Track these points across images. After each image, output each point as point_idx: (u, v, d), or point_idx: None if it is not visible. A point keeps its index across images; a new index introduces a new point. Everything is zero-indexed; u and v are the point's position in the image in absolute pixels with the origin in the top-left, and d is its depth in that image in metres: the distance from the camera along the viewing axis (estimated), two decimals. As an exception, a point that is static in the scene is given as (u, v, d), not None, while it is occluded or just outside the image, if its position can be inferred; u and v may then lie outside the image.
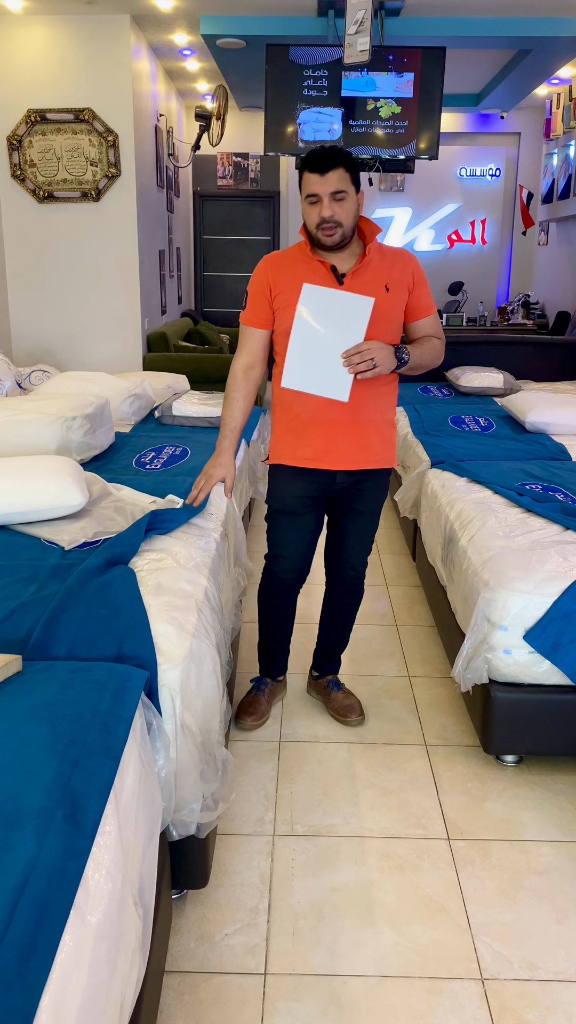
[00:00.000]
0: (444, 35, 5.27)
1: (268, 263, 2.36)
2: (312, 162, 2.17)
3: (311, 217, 2.22)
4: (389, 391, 2.42)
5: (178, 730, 1.75)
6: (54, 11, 5.13)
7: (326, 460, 2.39)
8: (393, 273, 2.32)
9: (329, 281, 2.27)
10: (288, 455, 2.43)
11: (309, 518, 2.52)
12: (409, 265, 2.36)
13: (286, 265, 2.33)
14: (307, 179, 2.19)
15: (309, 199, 2.20)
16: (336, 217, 2.19)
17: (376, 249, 2.33)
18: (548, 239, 8.21)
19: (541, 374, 5.74)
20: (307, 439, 2.38)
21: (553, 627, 2.26)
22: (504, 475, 3.26)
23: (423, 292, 2.39)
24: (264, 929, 1.88)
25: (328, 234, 2.21)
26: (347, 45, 4.69)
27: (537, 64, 5.95)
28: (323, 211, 2.18)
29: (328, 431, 2.36)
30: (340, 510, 2.56)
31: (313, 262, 2.29)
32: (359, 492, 2.49)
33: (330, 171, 2.15)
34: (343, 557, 2.62)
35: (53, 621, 1.87)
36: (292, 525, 2.52)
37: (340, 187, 2.17)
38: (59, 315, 5.71)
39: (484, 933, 1.88)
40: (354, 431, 2.36)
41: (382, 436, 2.42)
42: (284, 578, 2.60)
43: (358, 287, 2.25)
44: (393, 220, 8.85)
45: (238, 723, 2.62)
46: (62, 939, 1.06)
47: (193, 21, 5.33)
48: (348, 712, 2.69)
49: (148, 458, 3.49)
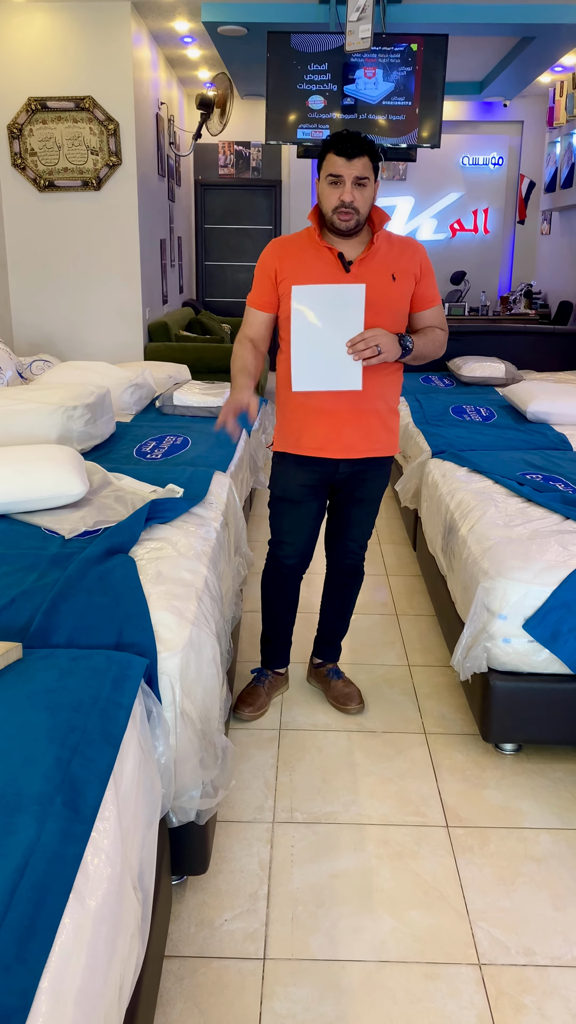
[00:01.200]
0: (446, 22, 5.24)
1: (275, 247, 2.36)
2: (340, 145, 2.16)
3: (330, 199, 2.21)
4: (393, 380, 2.42)
5: (178, 717, 1.76)
6: (54, -2, 5.10)
7: (329, 449, 2.39)
8: (401, 263, 2.32)
9: (336, 268, 2.27)
10: (292, 444, 2.44)
11: (312, 506, 2.52)
12: (417, 255, 2.36)
13: (293, 251, 2.33)
14: (332, 160, 2.18)
15: (330, 179, 2.19)
16: (356, 203, 2.19)
17: (384, 238, 2.33)
18: (551, 228, 8.18)
19: (543, 364, 5.73)
20: (311, 428, 2.39)
21: (552, 616, 2.27)
22: (505, 465, 3.26)
23: (429, 283, 2.39)
24: (263, 915, 1.90)
25: (344, 219, 2.21)
26: (349, 32, 4.67)
27: (541, 51, 5.91)
28: (344, 195, 2.18)
29: (332, 420, 2.36)
30: (342, 497, 2.57)
31: (321, 249, 2.29)
32: (361, 480, 2.50)
33: (356, 157, 2.16)
34: (344, 542, 2.64)
35: (53, 609, 1.87)
36: (295, 512, 2.53)
37: (363, 173, 2.18)
38: (60, 305, 5.71)
39: (482, 919, 1.89)
40: (358, 420, 2.37)
41: (385, 425, 2.43)
42: (287, 563, 2.61)
43: (365, 275, 2.25)
44: (395, 209, 8.82)
45: (236, 714, 2.63)
46: (61, 922, 1.07)
47: (194, 8, 5.31)
48: (348, 700, 2.70)
49: (149, 448, 3.50)
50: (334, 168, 2.18)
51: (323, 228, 2.31)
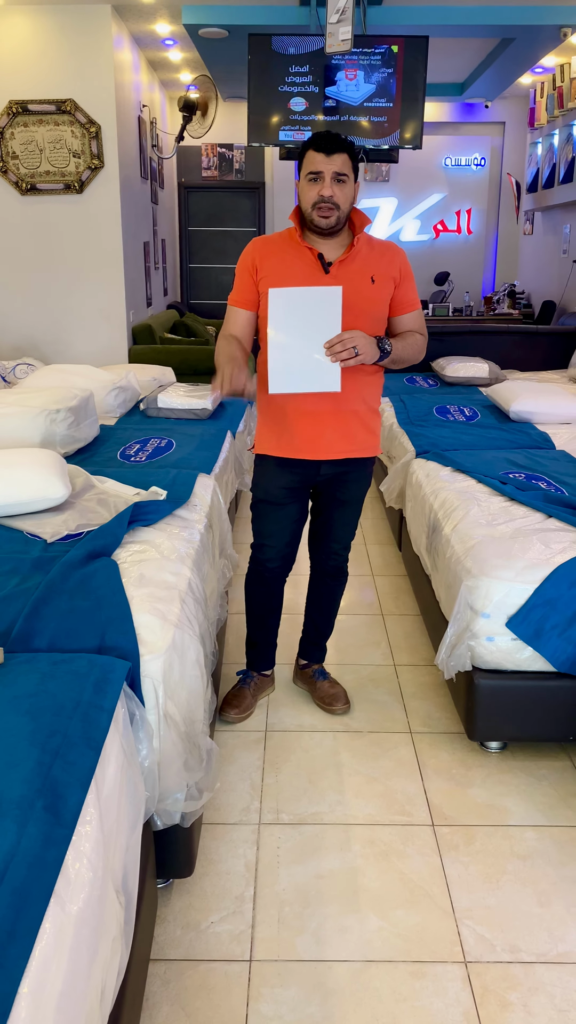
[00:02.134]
0: (427, 24, 5.25)
1: (256, 245, 2.36)
2: (318, 142, 2.18)
3: (309, 195, 2.21)
4: (374, 381, 2.43)
5: (161, 720, 1.76)
6: (34, 1, 5.09)
7: (310, 450, 2.40)
8: (381, 266, 2.32)
9: (316, 269, 2.27)
10: (272, 445, 2.44)
11: (293, 507, 2.52)
12: (397, 259, 2.36)
13: (273, 250, 2.33)
14: (311, 157, 2.19)
15: (310, 176, 2.20)
16: (335, 199, 2.19)
17: (365, 240, 2.33)
18: (533, 228, 8.22)
19: (526, 363, 5.75)
20: (291, 429, 2.39)
21: (535, 614, 2.28)
22: (488, 464, 3.27)
23: (409, 287, 2.39)
24: (250, 916, 1.90)
25: (324, 215, 2.21)
26: (329, 34, 4.67)
27: (521, 53, 5.94)
28: (323, 190, 2.18)
29: (312, 422, 2.36)
30: (325, 499, 2.57)
31: (301, 248, 2.29)
32: (343, 482, 2.50)
33: (335, 153, 2.17)
34: (327, 543, 2.64)
35: (35, 613, 1.87)
36: (277, 514, 2.53)
37: (343, 170, 2.19)
38: (44, 308, 5.69)
39: (468, 917, 1.90)
40: (337, 421, 2.37)
41: (366, 426, 2.43)
42: (269, 567, 2.61)
43: (344, 276, 2.26)
44: (379, 210, 8.83)
45: (222, 716, 2.63)
46: (42, 927, 1.06)
47: (175, 11, 5.30)
48: (334, 701, 2.70)
49: (133, 450, 3.49)
50: (313, 165, 2.19)
51: (304, 228, 2.31)
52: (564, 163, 6.85)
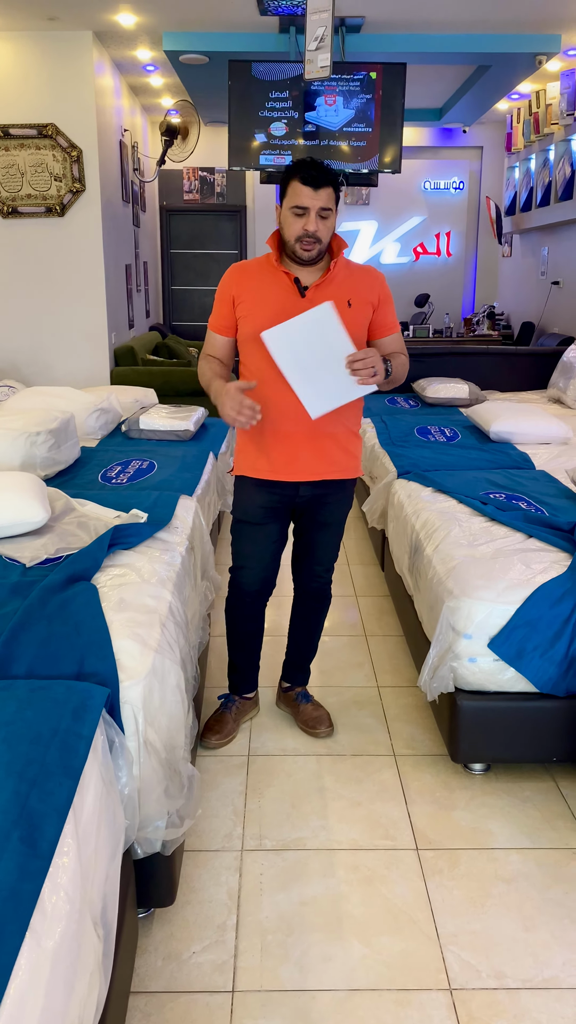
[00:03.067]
0: (404, 51, 5.34)
1: (234, 272, 2.37)
2: (307, 175, 2.17)
3: (293, 228, 2.22)
4: (355, 403, 2.42)
5: (141, 747, 1.74)
6: (16, 27, 5.13)
7: (286, 472, 2.40)
8: (358, 290, 2.33)
9: (292, 293, 2.28)
10: (250, 467, 2.44)
11: (273, 528, 2.51)
12: (375, 284, 2.37)
13: (251, 275, 2.34)
14: (298, 190, 2.18)
15: (295, 210, 2.20)
16: (319, 233, 2.21)
17: (343, 265, 2.34)
18: (512, 251, 8.32)
19: (506, 384, 5.80)
20: (267, 451, 2.39)
21: (517, 634, 2.28)
22: (469, 484, 3.29)
23: (388, 310, 2.41)
24: (232, 946, 1.87)
25: (307, 248, 2.23)
26: (308, 61, 4.73)
27: (497, 79, 6.04)
28: (308, 225, 2.19)
29: (287, 443, 2.37)
30: (306, 521, 2.56)
31: (278, 273, 2.30)
32: (323, 503, 2.50)
33: (322, 188, 2.18)
34: (310, 566, 2.64)
35: (13, 639, 1.85)
36: (256, 536, 2.52)
37: (328, 204, 2.20)
38: (25, 330, 5.68)
39: (452, 943, 1.88)
40: (314, 443, 2.37)
41: (344, 447, 2.43)
42: (248, 590, 2.59)
43: (320, 300, 2.24)
44: (359, 233, 8.92)
45: (203, 742, 2.59)
46: (17, 963, 1.04)
47: (156, 37, 5.35)
48: (317, 724, 2.68)
49: (114, 472, 3.48)
50: (299, 199, 2.19)
51: (282, 253, 2.33)
52: (541, 187, 6.95)
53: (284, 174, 2.24)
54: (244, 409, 2.18)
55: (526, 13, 4.84)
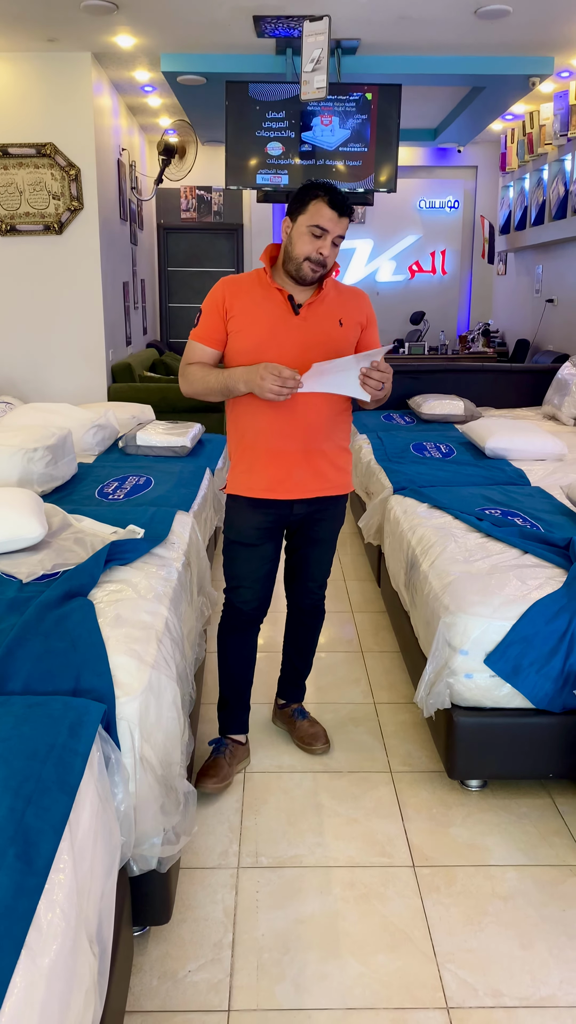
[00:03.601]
0: (400, 72, 5.40)
1: (226, 285, 2.34)
2: (335, 199, 2.18)
3: (307, 247, 2.21)
4: (343, 420, 2.44)
5: (137, 763, 1.74)
6: (15, 48, 5.18)
7: (280, 490, 2.38)
8: (348, 310, 2.36)
9: (285, 310, 2.29)
10: (243, 485, 2.42)
11: (267, 548, 2.49)
12: (363, 305, 2.41)
13: (244, 290, 2.33)
14: (323, 211, 2.18)
15: (314, 229, 2.19)
16: (328, 259, 2.24)
17: (332, 285, 2.37)
18: (506, 269, 8.38)
19: (501, 401, 5.83)
20: (261, 469, 2.38)
21: (513, 650, 2.28)
22: (464, 500, 3.30)
23: (374, 331, 2.44)
24: (228, 964, 1.86)
25: (314, 270, 2.24)
26: (304, 82, 4.79)
27: (491, 101, 6.11)
28: (323, 248, 2.21)
29: (281, 461, 2.36)
30: (299, 539, 2.56)
31: (271, 290, 2.30)
32: (317, 520, 2.50)
33: (345, 216, 2.21)
34: (303, 583, 2.63)
35: (9, 655, 1.85)
36: (250, 557, 2.49)
37: (343, 232, 2.24)
38: (23, 347, 5.70)
39: (449, 961, 1.87)
40: (307, 460, 2.37)
41: (335, 464, 2.43)
42: (245, 610, 2.53)
43: (313, 318, 2.30)
44: (355, 251, 8.98)
45: (199, 786, 2.43)
46: (12, 980, 1.04)
47: (154, 58, 5.41)
48: (313, 740, 2.68)
49: (111, 488, 3.48)
50: (322, 220, 2.18)
51: (275, 269, 2.33)
52: (536, 206, 7.02)
53: (306, 190, 2.22)
54: (288, 381, 2.11)
55: (519, 36, 4.91)
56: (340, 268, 2.43)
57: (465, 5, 4.42)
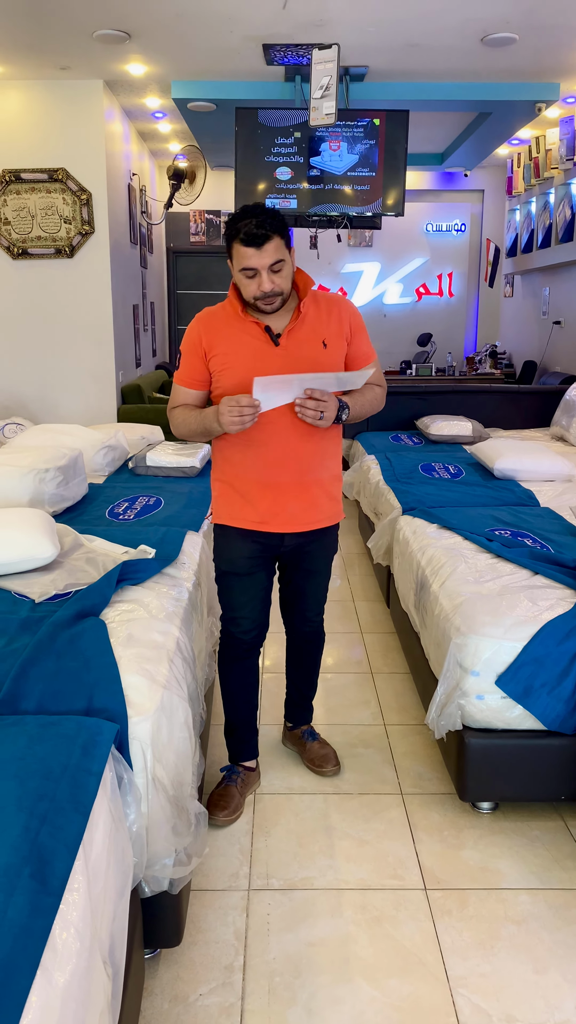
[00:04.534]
0: (407, 99, 5.47)
1: (201, 324, 2.25)
2: (246, 236, 2.04)
3: (249, 290, 2.12)
4: (334, 444, 2.36)
5: (149, 784, 1.74)
6: (29, 76, 5.27)
7: (273, 523, 2.31)
8: (330, 326, 2.24)
9: (264, 342, 2.19)
10: (234, 516, 2.34)
11: (260, 575, 2.43)
12: (346, 314, 2.28)
13: (219, 325, 2.22)
14: (241, 252, 2.06)
15: (247, 272, 2.09)
16: (276, 289, 2.11)
17: (311, 301, 2.23)
18: (513, 291, 8.43)
19: (509, 422, 5.84)
20: (252, 501, 2.29)
21: (524, 672, 2.28)
22: (474, 521, 3.30)
23: (362, 340, 2.32)
24: (239, 988, 1.85)
25: (269, 304, 2.14)
26: (313, 108, 4.85)
27: (498, 126, 6.18)
28: (263, 286, 2.09)
29: (274, 493, 2.28)
30: (292, 570, 2.50)
31: (247, 323, 2.20)
32: (308, 552, 2.43)
33: (266, 243, 2.04)
34: (300, 612, 2.59)
35: (22, 675, 1.85)
36: (244, 585, 2.43)
37: (277, 257, 2.07)
38: (34, 368, 5.75)
39: (462, 985, 1.85)
40: (301, 492, 2.30)
41: (329, 494, 2.37)
42: (245, 639, 2.49)
43: (294, 346, 2.19)
44: (362, 275, 9.05)
45: (210, 820, 2.37)
46: (28, 1000, 1.04)
47: (164, 86, 5.50)
48: (324, 762, 2.66)
49: (121, 508, 3.50)
50: (246, 260, 2.07)
51: (245, 303, 2.21)
52: (542, 229, 7.07)
53: (226, 232, 2.10)
54: (245, 409, 2.05)
55: (525, 62, 4.97)
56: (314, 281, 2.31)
57: (472, 33, 4.49)
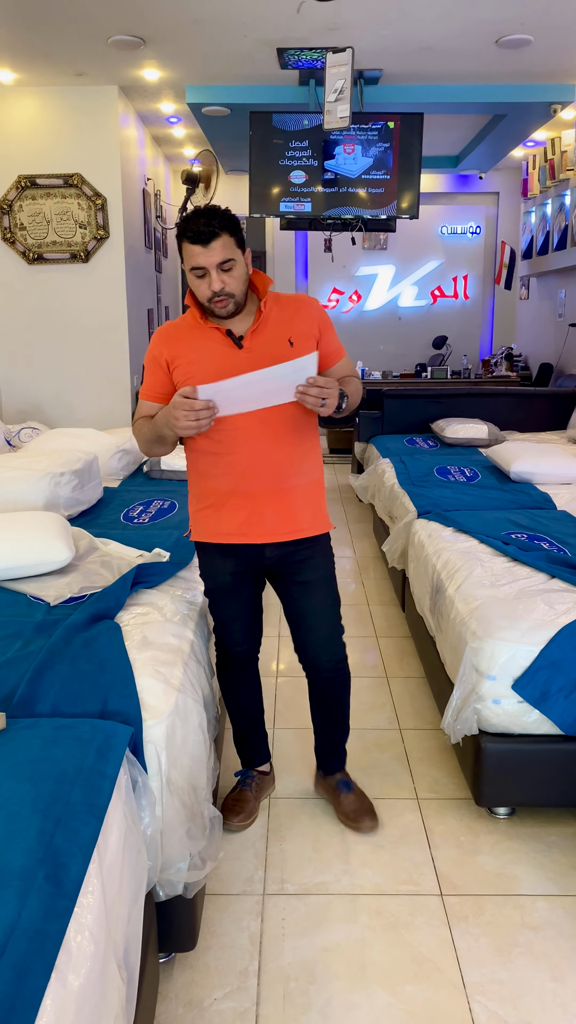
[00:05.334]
0: (421, 101, 5.47)
1: (161, 336, 2.19)
2: (192, 232, 1.98)
3: (200, 291, 2.06)
4: (312, 449, 2.26)
5: (164, 787, 1.73)
6: (44, 82, 5.30)
7: (250, 534, 2.19)
8: (295, 324, 2.15)
9: (228, 346, 2.11)
10: (210, 531, 2.24)
11: (248, 589, 2.33)
12: (312, 312, 2.20)
13: (180, 336, 2.16)
14: (189, 250, 2.01)
15: (196, 271, 2.03)
16: (227, 289, 2.04)
17: (273, 301, 2.16)
18: (529, 293, 8.40)
19: (525, 425, 5.82)
20: (228, 512, 2.19)
21: (541, 676, 2.26)
22: (490, 524, 3.28)
23: (331, 336, 2.24)
24: (254, 993, 1.84)
25: (221, 305, 2.06)
26: (327, 112, 4.86)
27: (512, 128, 6.16)
28: (213, 285, 2.02)
29: (251, 503, 2.17)
30: (283, 584, 2.32)
31: (207, 329, 2.12)
32: (297, 563, 2.27)
33: (213, 240, 1.98)
34: (312, 641, 2.36)
35: (37, 678, 1.86)
36: (232, 600, 2.34)
37: (226, 255, 2.01)
38: (49, 373, 5.78)
39: (479, 992, 1.83)
40: (279, 500, 2.18)
41: (310, 502, 2.24)
42: (238, 650, 2.41)
43: (259, 347, 2.10)
44: (377, 277, 9.04)
45: (225, 825, 2.35)
46: (43, 1003, 1.03)
47: (179, 91, 5.52)
48: (359, 817, 2.41)
49: (136, 512, 3.51)
50: (194, 259, 2.01)
51: (204, 309, 2.13)
52: (558, 231, 7.04)
53: (177, 233, 2.06)
54: (201, 412, 1.93)
55: (540, 64, 4.95)
56: (273, 280, 2.24)
57: (486, 35, 4.47)
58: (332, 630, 2.36)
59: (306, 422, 2.20)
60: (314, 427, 2.25)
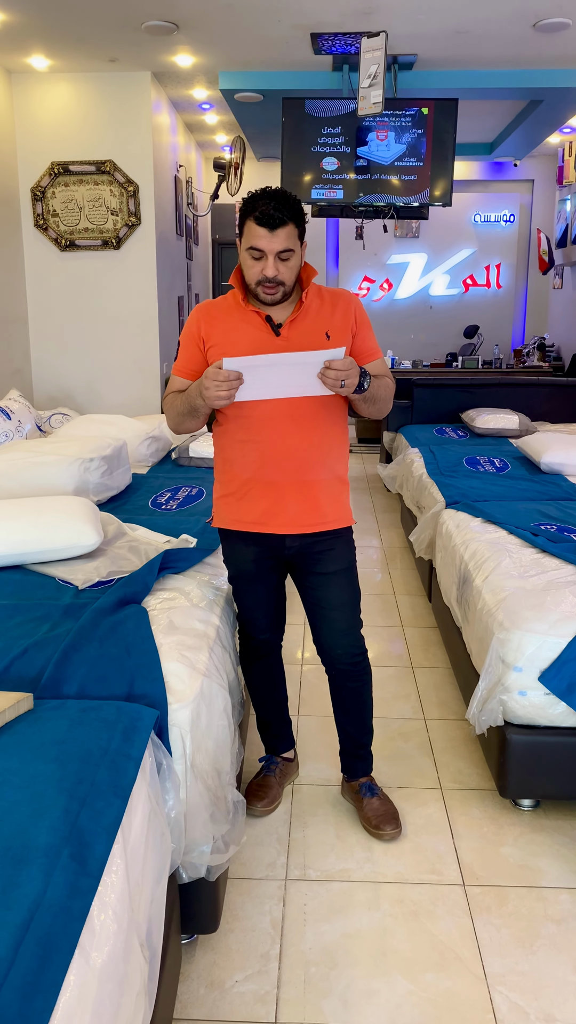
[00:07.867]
0: (456, 87, 5.40)
1: (200, 313, 2.18)
2: (261, 215, 1.97)
3: (252, 272, 2.05)
4: (339, 445, 2.24)
5: (188, 770, 1.75)
6: (77, 69, 5.31)
7: (272, 524, 2.19)
8: (334, 319, 2.15)
9: (265, 332, 2.11)
10: (232, 518, 2.25)
11: (272, 577, 2.34)
12: (351, 307, 2.18)
13: (219, 315, 2.15)
14: (252, 231, 1.99)
15: (252, 252, 2.02)
16: (280, 277, 2.03)
17: (315, 293, 2.16)
18: (563, 283, 8.28)
19: (557, 415, 5.75)
20: (250, 501, 2.20)
21: (568, 668, 2.24)
22: (519, 515, 3.26)
23: (367, 335, 2.22)
24: (275, 976, 1.85)
25: (269, 292, 2.05)
26: (361, 98, 4.82)
27: (549, 114, 6.06)
28: (267, 270, 2.01)
29: (272, 492, 2.17)
30: (302, 576, 2.31)
31: (247, 312, 2.12)
32: (316, 554, 2.25)
33: (280, 228, 1.98)
34: (327, 633, 2.34)
35: (65, 660, 1.88)
36: (255, 587, 2.34)
37: (288, 245, 2.00)
38: (79, 360, 5.82)
39: (500, 983, 1.83)
40: (300, 492, 2.18)
41: (332, 496, 2.23)
42: (261, 637, 2.42)
43: (296, 337, 2.10)
44: (409, 265, 8.97)
45: (249, 810, 2.35)
46: (66, 979, 1.05)
47: (212, 77, 5.50)
48: (382, 823, 2.33)
49: (164, 498, 3.52)
50: (255, 240, 1.99)
51: (248, 291, 2.13)
52: (593, 219, 6.93)
53: (243, 209, 2.03)
54: (233, 382, 1.93)
55: (579, 48, 4.87)
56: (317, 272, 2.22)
57: (523, 19, 4.40)
58: (349, 623, 2.34)
59: (335, 416, 2.20)
60: (343, 423, 2.24)
